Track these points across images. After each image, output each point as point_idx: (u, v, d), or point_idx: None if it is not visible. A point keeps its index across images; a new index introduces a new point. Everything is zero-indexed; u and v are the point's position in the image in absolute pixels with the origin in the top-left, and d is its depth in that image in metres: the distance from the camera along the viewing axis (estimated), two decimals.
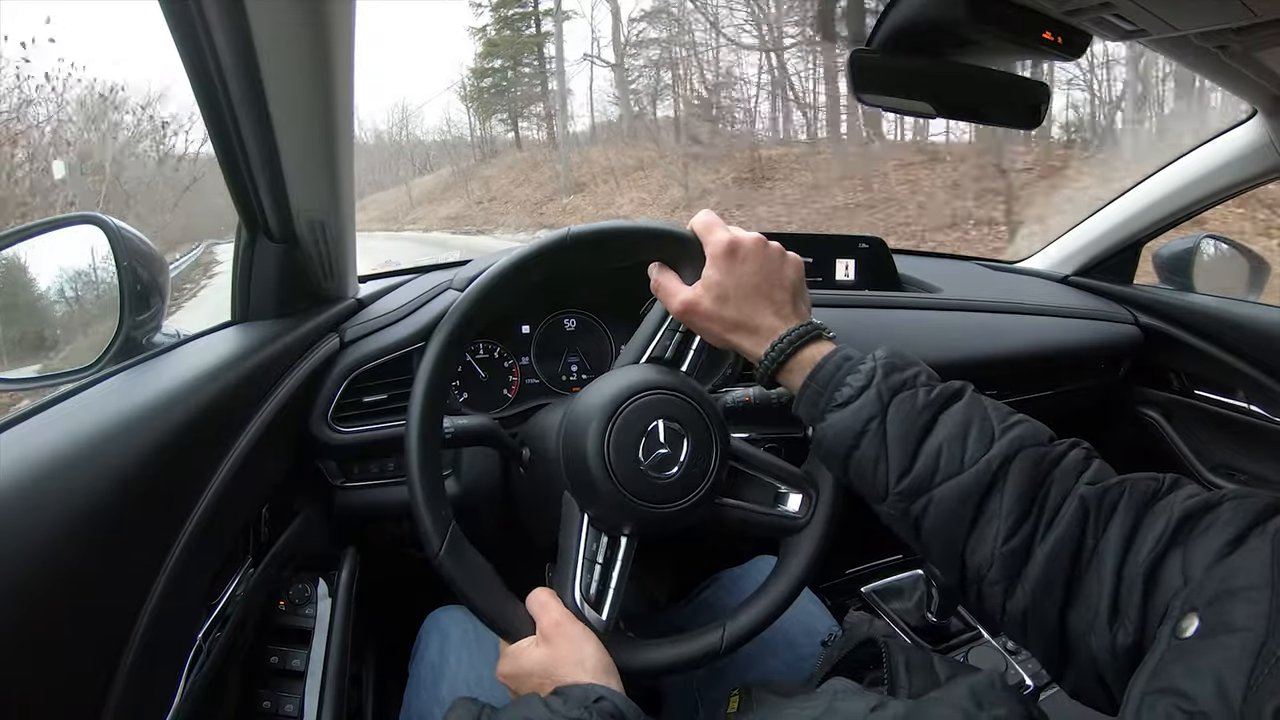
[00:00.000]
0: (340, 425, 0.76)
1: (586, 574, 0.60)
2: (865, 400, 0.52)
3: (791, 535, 0.65)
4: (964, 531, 0.49)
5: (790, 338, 0.55)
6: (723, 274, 0.57)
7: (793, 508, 0.66)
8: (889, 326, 1.03)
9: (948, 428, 0.51)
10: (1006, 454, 0.49)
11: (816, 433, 0.55)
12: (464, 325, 0.61)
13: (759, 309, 0.57)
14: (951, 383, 0.54)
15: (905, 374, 0.53)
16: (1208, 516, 0.43)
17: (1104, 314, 1.20)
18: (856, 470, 0.53)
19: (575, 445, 0.60)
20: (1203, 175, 1.09)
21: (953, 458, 0.50)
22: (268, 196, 0.64)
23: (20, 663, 0.37)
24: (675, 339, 0.66)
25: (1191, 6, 0.62)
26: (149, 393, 0.52)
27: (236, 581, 0.62)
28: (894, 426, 0.51)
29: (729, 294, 0.57)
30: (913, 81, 0.67)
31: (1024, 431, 0.50)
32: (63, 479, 0.42)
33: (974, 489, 0.48)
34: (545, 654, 0.56)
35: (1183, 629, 0.39)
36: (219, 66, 0.53)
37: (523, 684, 0.56)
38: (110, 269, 0.64)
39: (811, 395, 0.55)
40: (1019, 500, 0.48)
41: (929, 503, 0.50)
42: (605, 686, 0.51)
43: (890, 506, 0.52)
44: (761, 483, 0.66)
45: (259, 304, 0.71)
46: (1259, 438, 1.09)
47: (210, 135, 0.59)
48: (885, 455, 0.51)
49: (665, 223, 0.65)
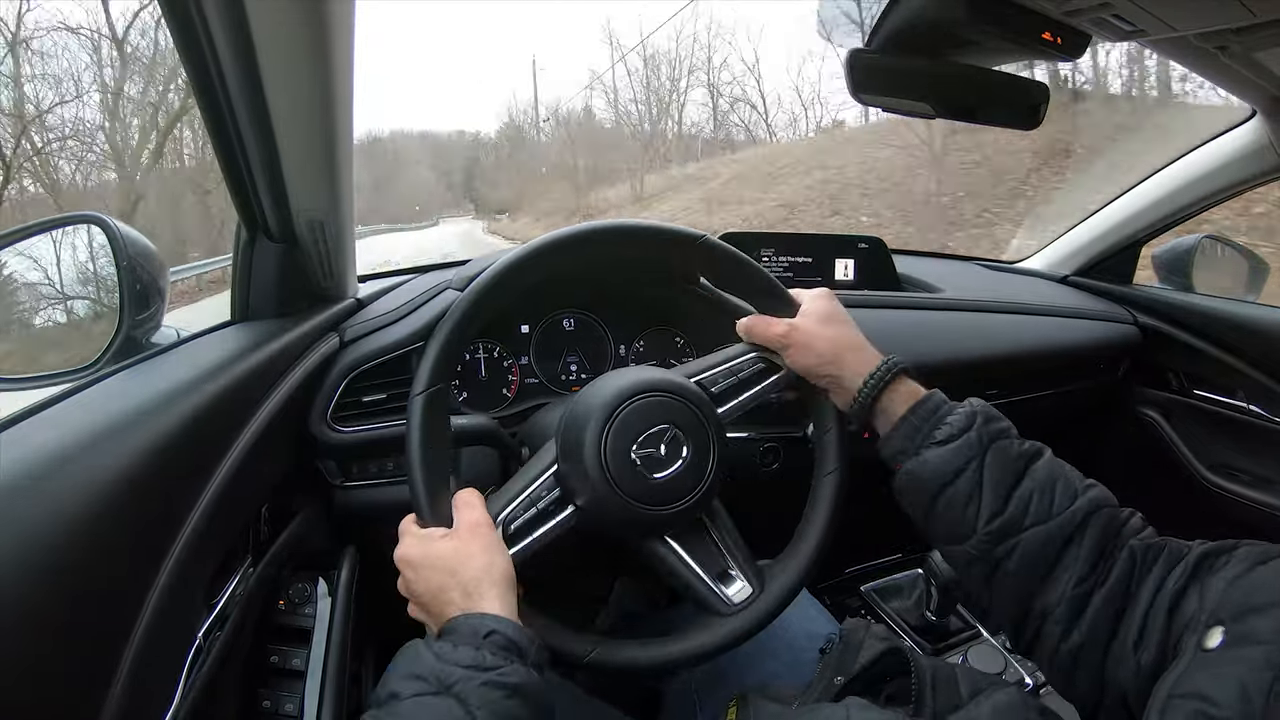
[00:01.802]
0: (340, 425, 0.76)
1: (521, 509, 0.59)
2: (967, 440, 0.56)
3: (710, 618, 0.62)
4: (1041, 575, 0.53)
5: (888, 364, 0.61)
6: (828, 303, 0.66)
7: (732, 592, 0.63)
8: (889, 326, 1.03)
9: (1037, 479, 0.55)
10: (1088, 510, 0.53)
11: (909, 464, 0.58)
12: (464, 325, 0.61)
13: (859, 336, 0.65)
14: (1035, 442, 0.58)
15: (1001, 424, 0.58)
16: (1224, 557, 0.48)
17: (1103, 314, 1.20)
18: (946, 506, 0.56)
19: (573, 445, 0.60)
20: (1202, 175, 1.09)
21: (1042, 506, 0.53)
22: (268, 196, 0.64)
23: (21, 662, 0.37)
24: (730, 380, 0.67)
25: (1191, 7, 0.62)
26: (149, 392, 0.53)
27: (236, 581, 0.62)
28: (991, 470, 0.55)
29: (835, 318, 0.65)
30: (912, 81, 0.67)
31: (1100, 493, 0.55)
32: (63, 478, 0.42)
33: (1058, 537, 0.52)
34: (454, 549, 0.53)
35: (1208, 641, 0.42)
36: (219, 66, 0.53)
37: (419, 573, 0.53)
38: (110, 269, 0.65)
39: (909, 429, 0.59)
40: (1092, 552, 0.52)
41: (1016, 545, 0.53)
42: (495, 617, 0.49)
43: (973, 546, 0.55)
44: (713, 550, 0.64)
45: (259, 303, 0.71)
46: (1258, 438, 1.09)
47: (210, 135, 0.59)
48: (980, 495, 0.54)
49: (666, 224, 0.66)
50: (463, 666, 0.44)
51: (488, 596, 0.50)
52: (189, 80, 0.54)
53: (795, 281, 0.75)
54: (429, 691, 0.43)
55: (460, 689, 0.43)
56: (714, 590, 0.62)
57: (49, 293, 0.71)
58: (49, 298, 0.72)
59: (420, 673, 0.44)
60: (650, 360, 0.95)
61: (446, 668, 0.44)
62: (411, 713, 0.43)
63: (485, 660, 0.45)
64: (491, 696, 0.43)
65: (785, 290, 0.68)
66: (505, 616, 0.49)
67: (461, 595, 0.50)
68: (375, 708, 0.44)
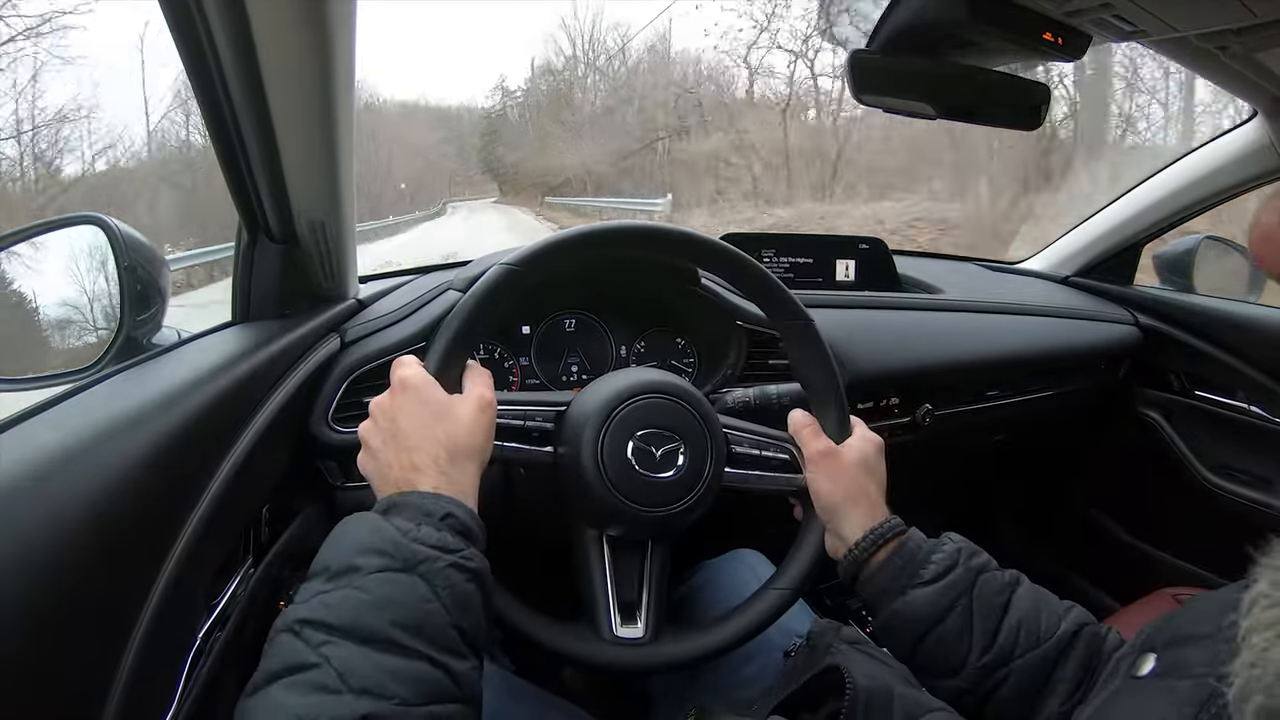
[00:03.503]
0: (341, 425, 0.76)
1: (510, 415, 0.60)
2: (953, 579, 0.56)
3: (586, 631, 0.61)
4: (1033, 701, 0.53)
5: (891, 524, 0.61)
6: (875, 454, 0.66)
7: (625, 629, 0.62)
8: (889, 327, 1.03)
9: (1022, 608, 0.56)
10: (1073, 630, 0.54)
11: (895, 605, 0.58)
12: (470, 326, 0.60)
13: (878, 496, 0.64)
14: (1013, 571, 0.59)
15: (981, 557, 0.59)
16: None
17: (1104, 315, 1.20)
18: (936, 643, 0.56)
19: (571, 446, 0.60)
20: (1203, 176, 1.09)
21: (1030, 634, 0.54)
22: (268, 197, 0.64)
23: (21, 663, 0.37)
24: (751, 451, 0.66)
25: (1191, 7, 0.62)
26: (149, 393, 0.52)
27: (237, 581, 0.62)
28: (979, 605, 0.55)
29: (873, 470, 0.65)
30: (912, 82, 0.67)
31: (1080, 613, 0.56)
32: (63, 479, 0.42)
33: (1049, 661, 0.53)
34: (463, 411, 0.52)
35: (1139, 667, 0.41)
36: (219, 66, 0.53)
37: (412, 406, 0.52)
38: (110, 269, 0.64)
39: (891, 572, 0.58)
40: (1078, 671, 0.53)
41: (1008, 675, 0.54)
42: (451, 499, 0.48)
43: (964, 680, 0.55)
44: (634, 580, 0.63)
45: (259, 304, 0.71)
46: (1259, 438, 1.09)
47: (210, 135, 0.59)
48: (971, 630, 0.55)
49: (663, 224, 0.66)
50: (428, 545, 0.44)
51: (467, 475, 0.50)
52: (189, 80, 0.54)
53: (796, 282, 0.75)
54: (394, 568, 0.42)
55: (425, 569, 0.43)
56: (610, 614, 0.61)
57: (49, 293, 0.71)
58: (49, 298, 0.71)
59: (382, 548, 0.43)
60: (651, 361, 0.95)
61: (412, 545, 0.43)
62: (378, 588, 0.41)
63: (448, 542, 0.44)
64: (455, 579, 0.43)
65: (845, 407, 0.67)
66: (468, 498, 0.49)
67: (447, 460, 0.50)
68: (324, 579, 0.43)
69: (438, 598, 0.42)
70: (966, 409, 1.05)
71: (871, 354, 0.96)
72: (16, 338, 0.74)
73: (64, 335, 0.72)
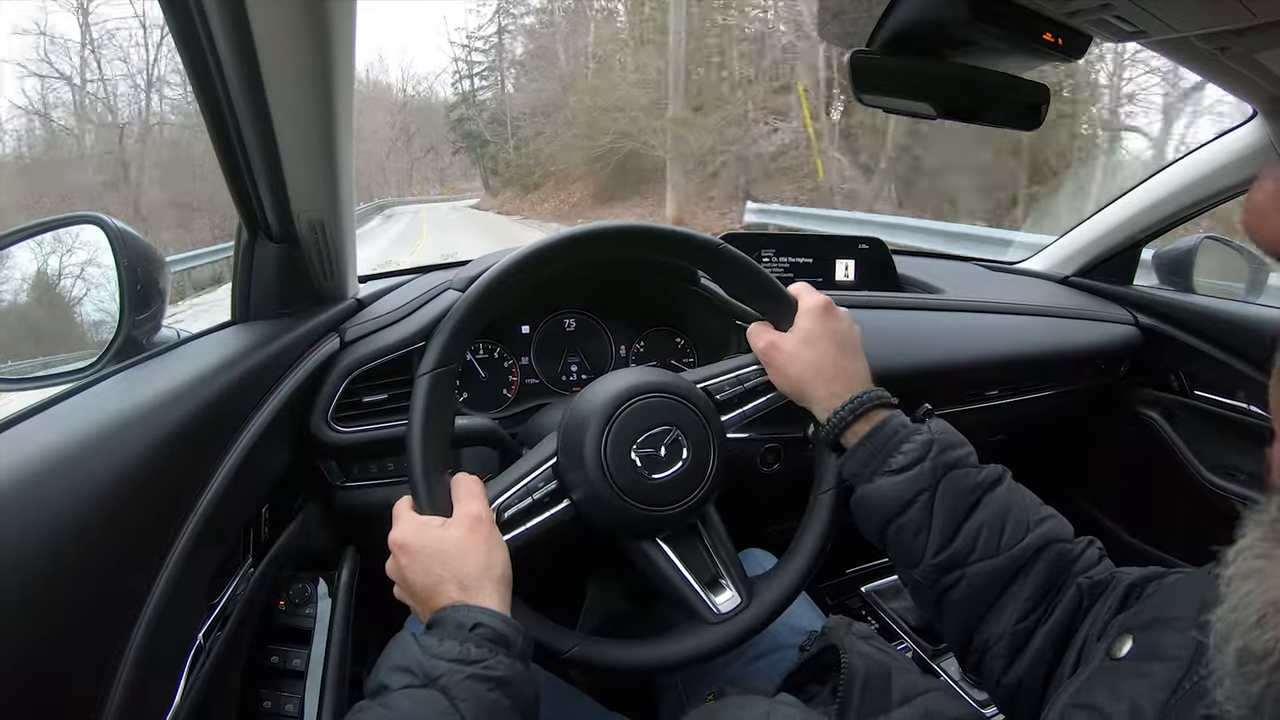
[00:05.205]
0: (340, 425, 0.76)
1: (516, 497, 0.59)
2: (920, 471, 0.55)
3: (696, 625, 0.62)
4: (984, 609, 0.53)
5: (856, 403, 0.59)
6: (814, 323, 0.63)
7: (721, 601, 0.62)
8: (889, 327, 1.03)
9: (989, 511, 0.55)
10: (1038, 545, 0.53)
11: (863, 490, 0.58)
12: (467, 325, 0.61)
13: (840, 361, 0.62)
14: (994, 467, 0.58)
15: (958, 452, 0.57)
16: (1153, 584, 0.48)
17: (1104, 315, 1.20)
18: (895, 535, 0.56)
19: (573, 443, 0.60)
20: (1203, 176, 1.09)
21: (990, 541, 0.53)
22: (268, 196, 0.64)
23: (21, 662, 0.37)
24: (736, 389, 0.67)
25: (1191, 8, 0.62)
26: (149, 393, 0.52)
27: (237, 581, 0.62)
28: (942, 502, 0.55)
29: (817, 339, 0.63)
30: (913, 82, 0.67)
31: (1053, 527, 0.55)
32: (63, 478, 0.42)
33: (1005, 572, 0.53)
34: (454, 543, 0.52)
35: (1116, 649, 0.42)
36: (219, 66, 0.53)
37: (414, 560, 0.52)
38: (110, 269, 0.64)
39: (863, 455, 0.58)
40: (1038, 589, 0.52)
41: (961, 578, 0.53)
42: (483, 609, 0.49)
43: (920, 575, 0.55)
44: (705, 557, 0.64)
45: (259, 304, 0.71)
46: (1259, 439, 1.09)
47: (210, 135, 0.59)
48: (929, 527, 0.54)
49: (665, 225, 0.66)
50: (448, 660, 0.45)
51: (485, 593, 0.51)
52: (189, 80, 0.54)
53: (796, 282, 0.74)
54: (416, 684, 0.44)
55: (445, 682, 0.44)
56: (702, 597, 0.62)
57: (48, 293, 0.71)
58: (49, 298, 0.71)
59: (407, 665, 0.45)
60: (651, 361, 0.95)
61: (432, 660, 0.45)
62: (400, 704, 0.43)
63: (470, 653, 0.45)
64: (476, 689, 0.44)
65: (786, 295, 0.66)
66: (497, 610, 0.50)
67: (458, 589, 0.51)
68: (368, 698, 0.46)
69: (457, 710, 0.43)
70: (966, 409, 1.05)
71: (871, 354, 0.95)
72: (16, 338, 0.74)
73: (63, 335, 0.72)
